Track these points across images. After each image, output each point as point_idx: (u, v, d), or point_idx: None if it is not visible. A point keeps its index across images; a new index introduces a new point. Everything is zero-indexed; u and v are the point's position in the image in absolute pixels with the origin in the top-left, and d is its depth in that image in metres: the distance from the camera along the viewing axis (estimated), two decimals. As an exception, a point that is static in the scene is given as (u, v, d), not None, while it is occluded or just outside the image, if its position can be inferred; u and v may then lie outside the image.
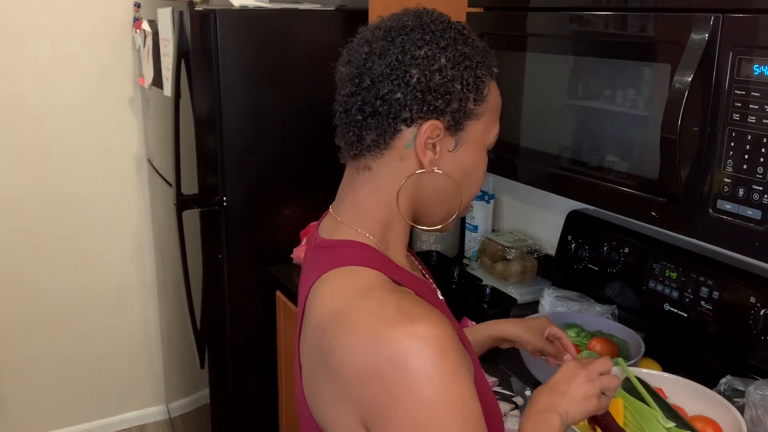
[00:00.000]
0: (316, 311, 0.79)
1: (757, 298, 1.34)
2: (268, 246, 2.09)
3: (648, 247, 1.59)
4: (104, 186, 2.73)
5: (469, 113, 0.83)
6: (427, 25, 0.82)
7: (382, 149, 0.83)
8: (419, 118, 0.80)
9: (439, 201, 0.87)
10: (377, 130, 0.81)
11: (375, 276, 0.79)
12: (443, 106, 0.80)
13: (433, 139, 0.81)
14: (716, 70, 1.03)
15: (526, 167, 1.48)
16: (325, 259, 0.84)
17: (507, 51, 1.49)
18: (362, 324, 0.72)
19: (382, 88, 0.80)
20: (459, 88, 0.81)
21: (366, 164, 0.85)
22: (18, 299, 2.68)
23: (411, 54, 0.80)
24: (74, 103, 2.61)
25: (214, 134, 1.97)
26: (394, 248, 0.88)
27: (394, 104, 0.80)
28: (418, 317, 0.71)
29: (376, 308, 0.73)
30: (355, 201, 0.87)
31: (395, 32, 0.82)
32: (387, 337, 0.69)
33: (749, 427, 1.16)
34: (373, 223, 0.86)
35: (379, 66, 0.80)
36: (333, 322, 0.75)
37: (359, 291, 0.77)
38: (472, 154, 0.85)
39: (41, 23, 2.50)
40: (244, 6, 1.98)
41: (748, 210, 1.01)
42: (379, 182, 0.84)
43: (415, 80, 0.79)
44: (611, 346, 1.43)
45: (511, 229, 2.17)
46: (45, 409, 2.83)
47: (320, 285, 0.81)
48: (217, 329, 2.12)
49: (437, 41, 0.81)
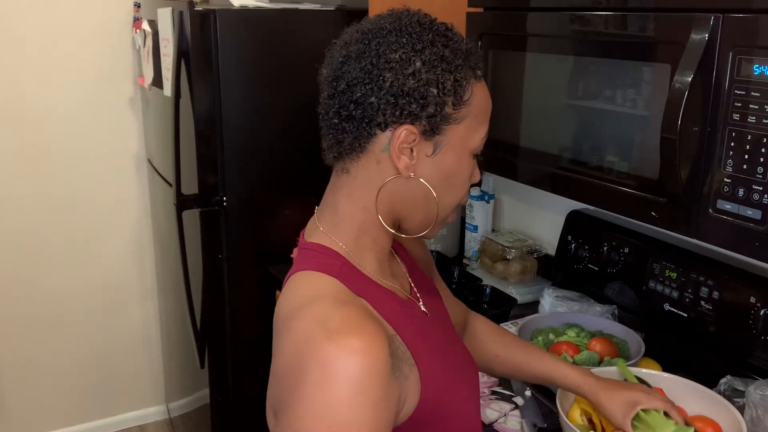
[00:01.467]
0: (276, 314, 0.82)
1: (757, 298, 1.34)
2: (268, 246, 2.09)
3: (648, 247, 1.59)
4: (104, 186, 2.73)
5: (447, 117, 0.81)
6: (405, 27, 0.80)
7: (358, 153, 0.82)
8: (393, 123, 0.79)
9: (417, 206, 0.85)
10: (353, 134, 0.81)
11: (330, 284, 0.80)
12: (418, 111, 0.79)
13: (408, 144, 0.80)
14: (716, 70, 1.03)
15: (526, 167, 1.48)
16: (297, 261, 0.87)
17: (507, 51, 1.49)
18: (299, 329, 0.74)
19: (356, 91, 0.79)
20: (435, 92, 0.79)
21: (344, 167, 0.84)
22: (18, 299, 2.68)
23: (385, 57, 0.78)
24: (74, 103, 2.61)
25: (214, 134, 1.97)
26: (369, 253, 0.87)
27: (367, 108, 0.79)
28: (356, 331, 0.71)
29: (317, 317, 0.74)
30: (333, 204, 0.87)
31: (372, 35, 0.81)
32: (319, 343, 0.70)
33: (749, 427, 1.15)
34: (348, 227, 0.85)
35: (354, 69, 0.79)
36: (281, 325, 0.78)
37: (308, 298, 0.78)
38: (452, 158, 0.83)
39: (41, 23, 2.50)
40: (244, 6, 1.98)
41: (748, 210, 1.01)
42: (357, 185, 0.84)
43: (388, 84, 0.78)
44: (611, 346, 1.43)
45: (511, 229, 2.17)
46: (45, 409, 2.83)
47: (285, 288, 0.84)
48: (217, 329, 2.12)
49: (413, 44, 0.79)
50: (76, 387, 2.87)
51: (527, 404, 1.41)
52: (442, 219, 0.88)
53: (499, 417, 1.37)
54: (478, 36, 1.54)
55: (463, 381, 0.92)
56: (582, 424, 1.09)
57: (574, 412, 1.11)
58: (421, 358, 0.83)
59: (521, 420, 1.36)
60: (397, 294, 0.89)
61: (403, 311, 0.87)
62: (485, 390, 1.46)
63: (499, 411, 1.39)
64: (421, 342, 0.85)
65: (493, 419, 1.37)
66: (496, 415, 1.38)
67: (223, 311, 2.09)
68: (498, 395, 1.45)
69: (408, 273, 0.98)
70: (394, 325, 0.83)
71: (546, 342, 1.46)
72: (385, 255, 0.90)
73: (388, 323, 0.83)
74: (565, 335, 1.49)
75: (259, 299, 2.12)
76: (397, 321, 0.84)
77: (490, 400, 1.43)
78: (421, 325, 0.90)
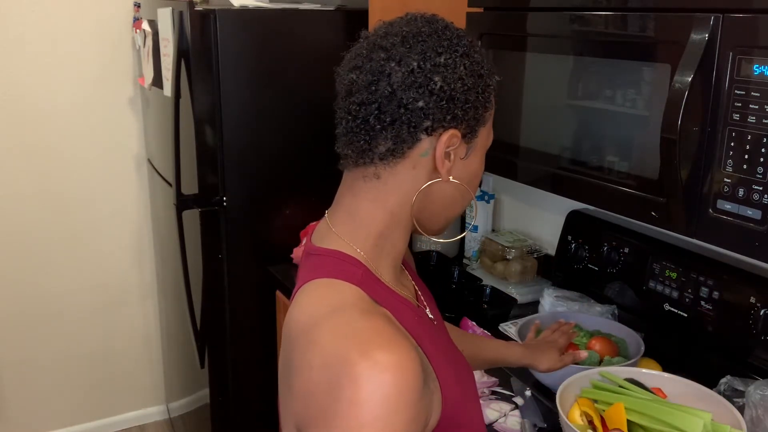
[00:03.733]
0: (290, 322, 0.78)
1: (757, 298, 1.34)
2: (268, 246, 2.09)
3: (648, 247, 1.59)
4: (104, 186, 2.73)
5: (482, 120, 0.82)
6: (442, 31, 0.81)
7: (397, 158, 0.80)
8: (440, 127, 0.79)
9: (446, 208, 0.86)
10: (396, 139, 0.79)
11: (352, 292, 0.77)
12: (462, 115, 0.79)
13: (451, 147, 0.80)
14: (716, 70, 1.03)
15: (526, 167, 1.48)
16: (310, 267, 0.83)
17: (507, 51, 1.49)
18: (324, 343, 0.70)
19: (405, 96, 0.77)
20: (475, 97, 0.80)
21: (375, 172, 0.81)
22: (18, 299, 2.68)
23: (432, 61, 0.78)
24: (74, 103, 2.61)
25: (214, 134, 1.97)
26: (386, 258, 0.85)
27: (416, 113, 0.77)
28: (389, 345, 0.68)
29: (342, 329, 0.71)
30: (353, 208, 0.84)
31: (413, 38, 0.79)
32: (345, 359, 0.67)
33: (749, 427, 1.15)
34: (367, 232, 0.83)
35: (400, 73, 0.77)
36: (300, 337, 0.74)
37: (330, 308, 0.74)
38: (478, 159, 0.85)
39: (41, 23, 2.50)
40: (244, 6, 1.98)
41: (748, 210, 1.01)
42: (386, 190, 0.82)
43: (438, 88, 0.77)
44: (611, 345, 1.43)
45: (511, 229, 2.17)
46: (45, 409, 2.83)
47: (299, 295, 0.80)
48: (217, 329, 2.12)
49: (455, 49, 0.79)
50: (76, 387, 2.87)
51: (527, 404, 1.41)
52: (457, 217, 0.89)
53: (499, 417, 1.37)
54: (478, 36, 1.54)
55: (471, 388, 0.91)
56: (582, 424, 1.09)
57: (574, 412, 1.11)
58: (439, 370, 0.81)
59: (521, 420, 1.36)
60: (411, 302, 0.87)
61: (418, 321, 0.85)
62: (485, 390, 1.46)
63: (499, 411, 1.39)
64: (437, 352, 0.83)
65: (493, 419, 1.37)
66: (496, 415, 1.38)
67: (223, 311, 2.09)
68: (498, 395, 1.45)
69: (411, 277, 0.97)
70: (415, 336, 0.80)
71: (546, 342, 1.46)
72: (399, 261, 0.88)
73: (410, 334, 0.80)
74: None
75: (259, 299, 2.12)
76: (417, 332, 0.81)
77: (490, 400, 1.43)
78: (433, 334, 0.88)
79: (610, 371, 1.20)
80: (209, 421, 2.22)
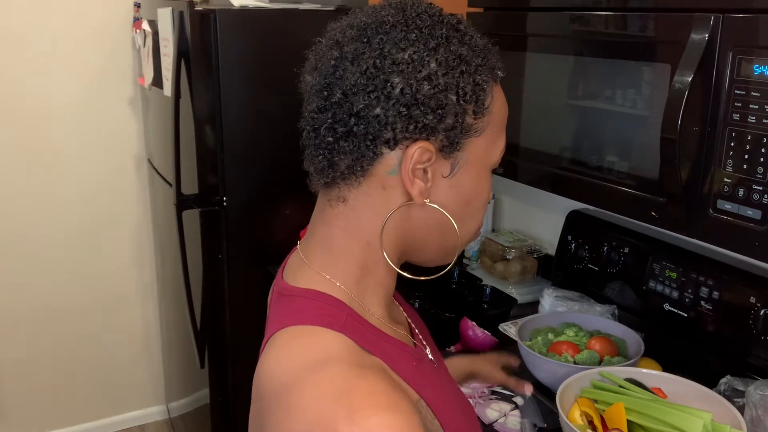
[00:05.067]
0: (262, 378, 0.65)
1: (757, 298, 1.34)
2: (268, 246, 2.09)
3: (648, 247, 1.59)
4: (104, 186, 2.73)
5: (468, 129, 0.67)
6: (412, 20, 0.66)
7: (359, 177, 0.67)
8: (405, 139, 0.65)
9: (431, 236, 0.71)
10: (352, 154, 0.66)
11: (336, 343, 0.63)
12: (435, 123, 0.64)
13: (423, 164, 0.65)
14: (716, 70, 1.03)
15: (526, 167, 1.48)
16: (283, 311, 0.70)
17: (507, 51, 1.49)
18: (305, 407, 0.58)
19: (357, 102, 0.64)
20: (454, 100, 0.65)
21: (340, 195, 0.69)
22: (18, 299, 2.68)
23: (392, 58, 0.64)
24: (74, 103, 2.61)
25: (214, 134, 1.97)
26: (372, 296, 0.72)
27: (372, 122, 0.64)
28: (378, 408, 0.56)
29: (327, 389, 0.58)
30: (326, 239, 0.71)
31: (371, 30, 0.66)
32: (333, 427, 0.55)
33: (749, 427, 1.15)
34: (347, 266, 0.70)
35: (353, 74, 0.65)
36: (275, 398, 0.62)
37: (311, 364, 0.61)
38: (472, 177, 0.69)
39: (41, 23, 2.50)
40: (244, 6, 1.98)
41: (748, 210, 1.01)
42: (356, 216, 0.69)
43: (398, 91, 0.63)
44: (611, 344, 1.43)
45: (511, 229, 2.17)
46: (45, 409, 2.83)
47: (271, 346, 0.67)
48: (217, 329, 2.12)
49: (425, 41, 0.65)
50: (76, 387, 2.87)
51: (527, 404, 1.41)
52: (462, 247, 0.73)
53: (499, 417, 1.37)
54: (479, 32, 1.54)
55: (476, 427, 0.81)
56: (582, 424, 1.09)
57: (574, 412, 1.11)
58: (444, 418, 0.69)
59: (521, 420, 1.36)
60: (407, 344, 0.74)
61: (417, 366, 0.72)
62: (485, 390, 1.46)
63: (499, 411, 1.39)
64: (442, 400, 0.71)
65: (493, 419, 1.37)
66: (496, 415, 1.38)
67: (223, 311, 2.09)
68: (498, 395, 1.45)
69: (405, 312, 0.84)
70: (415, 385, 0.68)
71: (545, 342, 1.46)
72: (389, 298, 0.75)
73: (409, 385, 0.67)
74: (564, 335, 1.49)
75: (259, 299, 2.10)
76: (417, 380, 0.69)
77: (490, 400, 1.43)
78: (435, 379, 0.75)
79: (610, 371, 1.20)
80: (209, 421, 2.21)
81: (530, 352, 1.38)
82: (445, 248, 0.73)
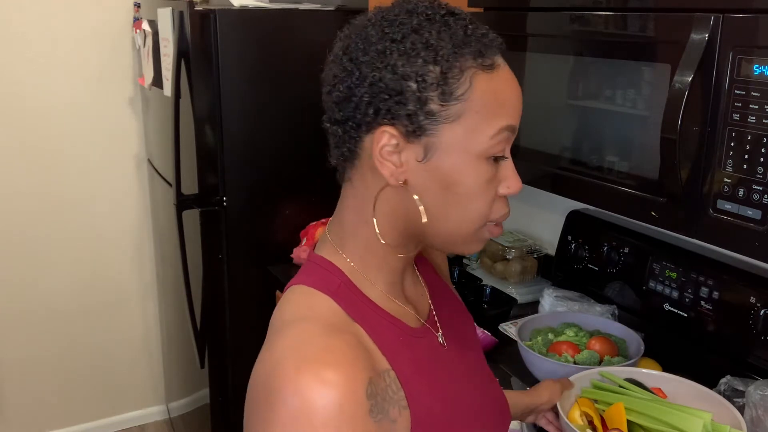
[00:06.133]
0: (270, 321, 0.76)
1: (757, 298, 1.34)
2: (268, 246, 2.09)
3: (648, 247, 1.59)
4: (104, 186, 2.73)
5: (434, 115, 0.69)
6: (391, 15, 0.72)
7: (353, 159, 0.75)
8: (372, 123, 0.71)
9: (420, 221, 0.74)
10: (341, 138, 0.74)
11: (323, 304, 0.73)
12: (396, 109, 0.69)
13: (390, 147, 0.71)
14: (716, 70, 1.03)
15: (526, 167, 1.48)
16: (299, 272, 0.80)
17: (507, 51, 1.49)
18: (277, 349, 0.68)
19: (337, 92, 0.73)
20: (414, 87, 0.69)
21: (348, 175, 0.77)
22: (18, 299, 2.68)
23: (365, 51, 0.71)
24: (74, 103, 2.61)
25: (214, 134, 1.97)
26: (378, 272, 0.78)
27: (347, 109, 0.72)
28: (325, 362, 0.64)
29: (296, 340, 0.68)
30: (340, 216, 0.79)
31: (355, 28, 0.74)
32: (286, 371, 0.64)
33: (749, 427, 1.15)
34: (355, 242, 0.77)
35: (336, 68, 0.73)
36: (265, 342, 0.72)
37: (296, 316, 0.71)
38: (451, 163, 0.71)
39: (41, 23, 2.50)
40: (244, 6, 1.98)
41: (748, 210, 1.01)
42: (359, 196, 0.76)
43: (367, 82, 0.70)
44: (610, 344, 1.43)
45: (511, 229, 2.17)
46: (45, 409, 2.83)
47: (282, 297, 0.78)
48: (217, 329, 2.12)
49: (393, 33, 0.70)
50: (76, 387, 2.87)
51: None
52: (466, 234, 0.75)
53: (499, 417, 1.37)
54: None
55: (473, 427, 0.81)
56: (582, 424, 1.09)
57: (574, 412, 1.11)
58: (416, 398, 0.73)
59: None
60: (404, 322, 0.79)
61: (406, 342, 0.77)
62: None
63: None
64: (423, 379, 0.75)
65: (493, 419, 1.37)
66: (496, 415, 1.38)
67: (223, 311, 2.09)
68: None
69: (430, 295, 0.87)
70: (391, 358, 0.73)
71: (545, 342, 1.46)
72: (397, 276, 0.80)
73: (384, 355, 0.73)
74: (564, 335, 1.49)
75: (259, 299, 2.11)
76: (396, 353, 0.74)
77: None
78: (430, 359, 0.79)
79: (610, 371, 1.20)
80: (209, 421, 2.22)
81: (530, 352, 1.38)
82: (440, 234, 0.76)
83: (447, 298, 0.91)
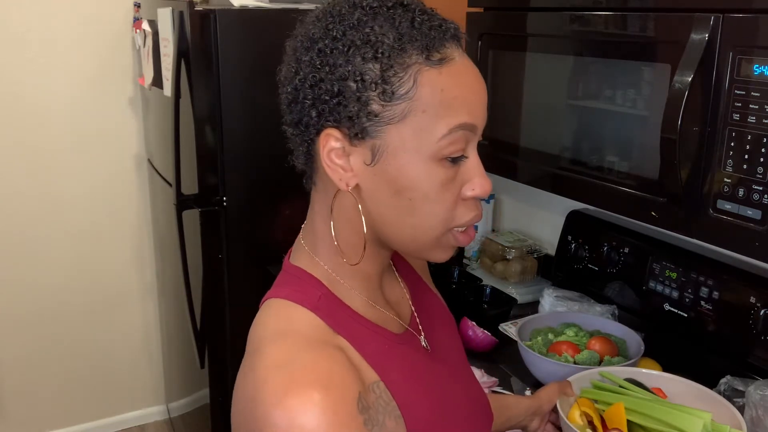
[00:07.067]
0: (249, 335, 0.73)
1: (757, 298, 1.34)
2: (268, 246, 2.09)
3: (648, 247, 1.59)
4: (104, 186, 2.73)
5: (376, 116, 0.65)
6: (334, 10, 0.68)
7: (312, 162, 0.72)
8: (317, 126, 0.68)
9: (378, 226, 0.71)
10: (294, 141, 0.73)
11: (302, 319, 0.69)
12: (338, 111, 0.66)
13: (335, 150, 0.67)
14: (716, 70, 1.03)
15: (526, 167, 1.48)
16: (275, 283, 0.77)
17: (507, 51, 1.49)
18: (260, 369, 0.64)
19: (285, 94, 0.71)
20: (354, 87, 0.64)
21: (314, 179, 0.74)
22: (18, 299, 2.68)
23: (308, 50, 0.67)
24: (74, 103, 2.61)
25: (214, 134, 1.97)
26: (352, 279, 0.75)
27: (294, 112, 0.70)
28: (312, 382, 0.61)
29: (273, 359, 0.64)
30: (311, 221, 0.76)
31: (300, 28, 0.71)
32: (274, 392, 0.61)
33: (749, 427, 1.15)
34: (326, 247, 0.74)
35: (284, 69, 0.72)
36: (245, 360, 0.69)
37: (276, 332, 0.68)
38: (399, 166, 0.66)
39: (41, 23, 2.50)
40: (244, 6, 1.98)
41: (748, 210, 1.01)
42: (322, 200, 0.73)
43: (308, 83, 0.67)
44: (610, 344, 1.43)
45: (511, 229, 2.17)
46: (45, 409, 2.83)
47: (260, 312, 0.74)
48: (217, 329, 2.12)
49: (335, 29, 0.66)
50: (76, 387, 2.87)
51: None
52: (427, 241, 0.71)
53: (499, 417, 1.37)
54: (478, 36, 1.54)
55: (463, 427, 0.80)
56: (582, 424, 1.09)
57: (574, 412, 1.11)
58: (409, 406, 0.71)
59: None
60: (388, 329, 0.76)
61: (393, 350, 0.74)
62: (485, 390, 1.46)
63: (499, 411, 1.39)
64: (412, 386, 0.73)
65: (493, 419, 1.37)
66: (496, 415, 1.38)
67: (223, 311, 2.09)
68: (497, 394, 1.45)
69: (411, 297, 0.85)
70: (379, 368, 0.71)
71: (545, 342, 1.46)
72: (374, 281, 0.77)
73: (372, 367, 0.70)
74: (564, 335, 1.49)
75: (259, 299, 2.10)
76: (383, 363, 0.71)
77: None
78: (417, 365, 0.77)
79: (610, 371, 1.20)
80: (209, 421, 2.21)
81: (530, 352, 1.38)
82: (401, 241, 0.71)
83: (428, 299, 0.88)
